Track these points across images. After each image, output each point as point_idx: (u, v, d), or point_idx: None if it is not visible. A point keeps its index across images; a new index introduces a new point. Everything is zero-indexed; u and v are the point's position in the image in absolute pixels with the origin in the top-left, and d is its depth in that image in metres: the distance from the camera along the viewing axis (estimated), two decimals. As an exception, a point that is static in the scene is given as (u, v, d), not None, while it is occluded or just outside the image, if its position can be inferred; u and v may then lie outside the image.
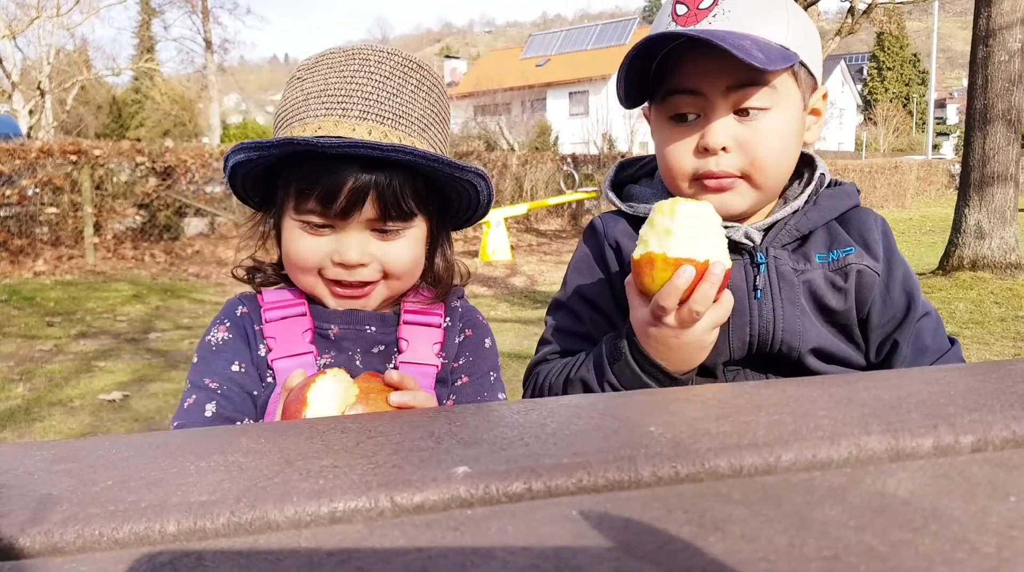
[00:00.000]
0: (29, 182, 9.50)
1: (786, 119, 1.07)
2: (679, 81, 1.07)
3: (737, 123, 1.05)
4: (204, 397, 1.00)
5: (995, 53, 7.94)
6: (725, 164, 1.05)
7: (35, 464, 0.54)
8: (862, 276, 1.09)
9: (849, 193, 1.16)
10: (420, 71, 1.04)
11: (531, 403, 0.67)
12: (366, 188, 0.96)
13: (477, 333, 1.13)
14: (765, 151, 1.05)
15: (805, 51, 1.07)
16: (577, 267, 1.21)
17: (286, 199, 1.02)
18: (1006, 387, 0.66)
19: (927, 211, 20.14)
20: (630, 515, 0.44)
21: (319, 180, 0.96)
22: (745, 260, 1.09)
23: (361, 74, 0.99)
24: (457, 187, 1.05)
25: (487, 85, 40.15)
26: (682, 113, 1.08)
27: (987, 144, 8.05)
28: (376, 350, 1.07)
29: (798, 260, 1.09)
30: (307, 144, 0.92)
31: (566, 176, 15.17)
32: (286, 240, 1.03)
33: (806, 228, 1.11)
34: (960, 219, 8.28)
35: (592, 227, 1.22)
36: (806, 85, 1.10)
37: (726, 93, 1.04)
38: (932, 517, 0.42)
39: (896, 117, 58.12)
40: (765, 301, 1.07)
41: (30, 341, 5.90)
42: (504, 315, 7.03)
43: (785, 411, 0.60)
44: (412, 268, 1.06)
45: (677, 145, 1.09)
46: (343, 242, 1.00)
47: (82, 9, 30.01)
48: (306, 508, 0.46)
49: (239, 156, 0.97)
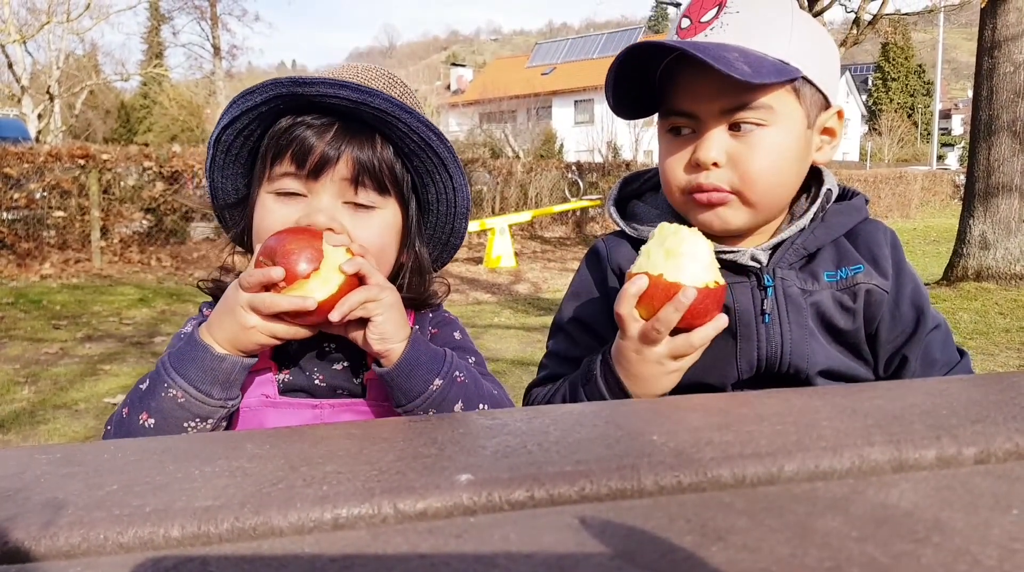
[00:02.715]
0: (37, 186, 9.55)
1: (783, 137, 1.04)
2: (674, 99, 1.07)
3: (730, 138, 1.04)
4: None
5: (1000, 65, 7.94)
6: (715, 178, 1.04)
7: (41, 468, 0.55)
8: (871, 295, 1.07)
9: (857, 207, 1.13)
10: (403, 86, 1.08)
11: (534, 411, 0.67)
12: (342, 145, 0.96)
13: (445, 329, 1.12)
14: (756, 168, 1.03)
15: (813, 67, 1.04)
16: (576, 291, 1.20)
17: (263, 174, 1.01)
18: (1009, 399, 0.66)
19: (931, 221, 20.09)
20: (632, 524, 0.45)
21: (296, 135, 0.96)
22: (752, 283, 1.07)
23: (346, 72, 1.03)
24: (435, 179, 1.05)
25: (493, 93, 40.26)
26: (678, 126, 1.08)
27: (992, 155, 8.04)
28: (339, 367, 1.04)
29: (806, 279, 1.07)
30: (293, 83, 0.94)
31: (571, 184, 15.19)
32: (257, 217, 1.01)
33: (813, 246, 1.09)
34: (965, 230, 8.26)
35: (595, 251, 1.20)
36: (812, 103, 1.06)
37: (719, 110, 1.03)
38: (934, 529, 0.43)
39: (901, 127, 58.08)
40: (773, 325, 1.05)
41: (36, 344, 5.92)
42: (508, 322, 7.03)
43: (788, 421, 0.60)
44: (381, 252, 1.02)
45: (672, 158, 1.09)
46: (312, 205, 0.97)
47: (92, 14, 30.23)
48: (310, 514, 0.46)
49: (224, 120, 0.98)
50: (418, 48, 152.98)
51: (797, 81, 1.03)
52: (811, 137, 1.09)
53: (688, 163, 1.06)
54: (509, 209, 13.96)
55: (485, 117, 38.26)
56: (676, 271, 0.88)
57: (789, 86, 1.03)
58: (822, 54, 1.08)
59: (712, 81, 1.00)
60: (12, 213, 9.47)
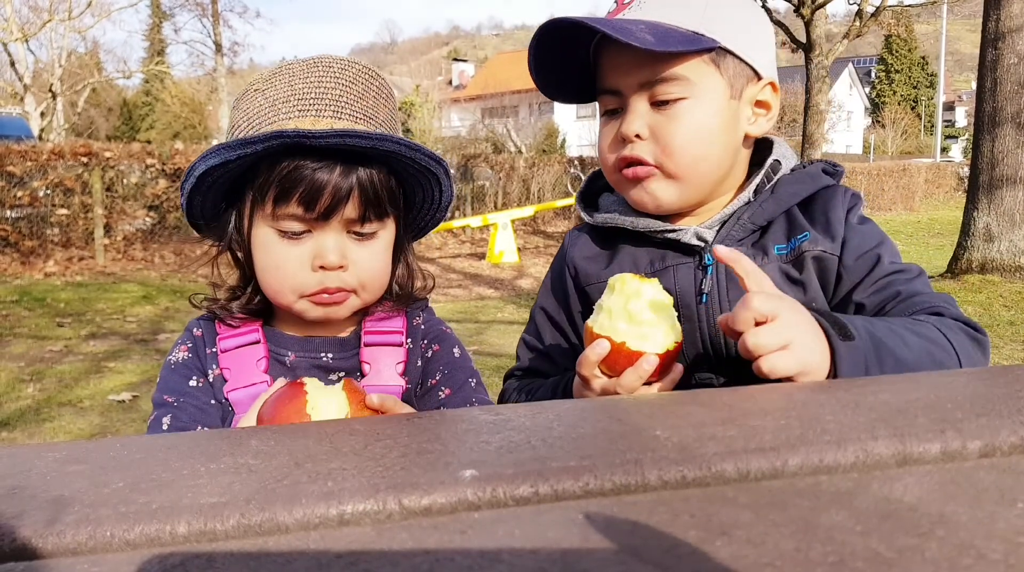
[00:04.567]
0: (40, 184, 9.57)
1: (705, 108, 1.03)
2: (601, 78, 1.09)
3: (652, 112, 1.05)
4: (162, 412, 1.02)
5: (1004, 56, 7.90)
6: (639, 151, 1.05)
7: (47, 465, 0.55)
8: (820, 262, 1.02)
9: (812, 175, 1.09)
10: (379, 79, 1.05)
11: (538, 406, 0.67)
12: (349, 185, 0.95)
13: (444, 345, 1.12)
14: (676, 138, 1.03)
15: (734, 37, 1.03)
16: (545, 282, 1.23)
17: (259, 207, 0.98)
18: (1014, 392, 0.66)
19: (935, 214, 20.04)
20: (637, 519, 0.45)
21: (301, 179, 0.93)
22: (694, 262, 1.06)
23: (327, 78, 0.99)
24: (424, 186, 1.05)
25: (495, 88, 40.20)
26: (611, 108, 1.10)
27: (996, 147, 8.01)
28: (335, 377, 1.04)
29: (755, 255, 1.03)
30: (299, 135, 0.89)
31: (573, 179, 15.17)
32: (261, 252, 1.00)
33: (762, 219, 1.05)
34: (969, 222, 8.24)
35: (563, 245, 1.22)
36: (735, 74, 1.05)
37: (640, 85, 1.04)
38: (939, 523, 0.43)
39: (904, 120, 57.88)
40: (712, 305, 1.03)
41: (40, 342, 5.94)
42: (511, 317, 7.04)
43: (792, 415, 0.60)
44: (382, 275, 1.04)
45: (602, 137, 1.11)
46: (322, 244, 0.97)
47: (94, 12, 30.21)
48: (315, 510, 0.46)
49: (213, 160, 0.93)
50: (420, 43, 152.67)
51: (715, 52, 1.02)
52: (737, 108, 1.07)
53: (614, 139, 1.08)
54: (512, 204, 13.96)
55: (487, 112, 38.23)
56: (640, 340, 0.87)
57: (707, 57, 1.03)
58: (746, 24, 1.07)
59: (628, 57, 1.02)
60: (16, 211, 9.50)
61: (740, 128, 1.09)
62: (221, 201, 1.05)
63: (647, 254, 1.10)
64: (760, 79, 1.09)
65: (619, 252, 1.13)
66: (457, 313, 7.23)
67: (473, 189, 14.02)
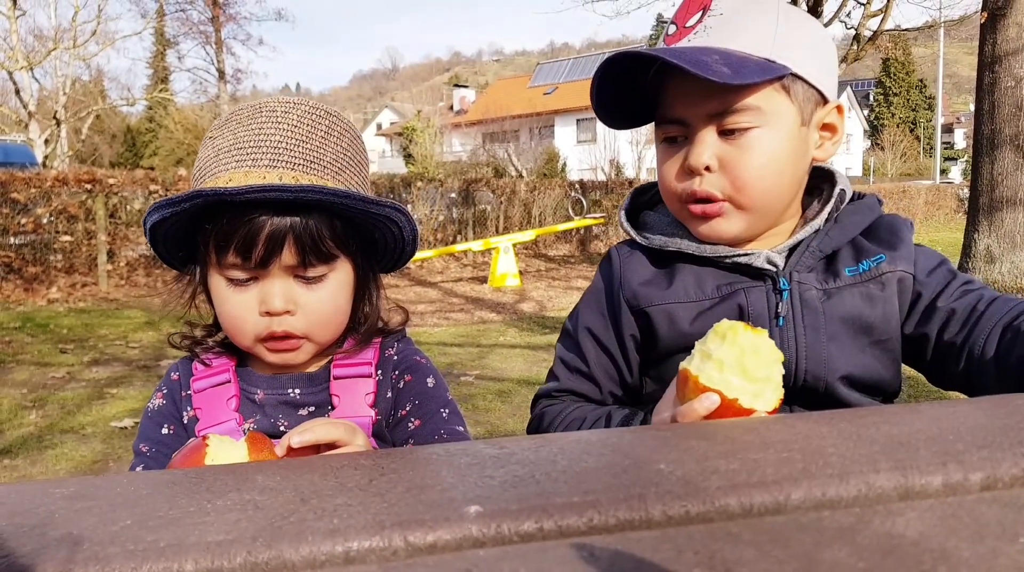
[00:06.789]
0: (44, 210, 9.62)
1: (776, 136, 1.02)
2: (665, 107, 1.07)
3: (721, 142, 1.03)
4: (137, 461, 1.05)
5: (1001, 79, 7.98)
6: (708, 184, 1.03)
7: (55, 503, 0.55)
8: (902, 283, 1.06)
9: (870, 206, 1.12)
10: (329, 118, 1.04)
11: (541, 439, 0.67)
12: (282, 233, 0.95)
13: (417, 376, 1.11)
14: (748, 170, 1.01)
15: (803, 63, 1.02)
16: (588, 298, 1.18)
17: (208, 256, 1.01)
18: (1015, 423, 0.66)
19: (936, 236, 20.06)
20: (641, 556, 0.45)
21: (235, 231, 0.95)
22: (768, 286, 1.06)
23: (269, 125, 0.99)
24: (379, 226, 1.04)
25: (496, 113, 40.51)
26: (671, 135, 1.08)
27: (995, 169, 8.06)
28: (304, 412, 1.05)
29: (826, 278, 1.05)
30: (216, 194, 0.92)
31: (574, 202, 15.24)
32: (216, 300, 1.03)
33: (829, 248, 1.07)
34: (970, 244, 8.26)
35: (608, 258, 1.18)
36: (805, 99, 1.04)
37: (707, 115, 1.02)
38: (941, 559, 0.43)
39: (903, 142, 58.19)
40: (787, 330, 1.03)
41: (43, 368, 5.94)
42: (513, 341, 7.03)
43: (794, 448, 0.61)
44: (333, 317, 1.04)
45: (666, 166, 1.08)
46: (266, 290, 0.99)
47: (98, 40, 30.57)
48: (321, 547, 0.47)
49: (154, 217, 0.97)
50: (421, 70, 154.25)
51: (786, 78, 1.01)
52: (807, 135, 1.07)
53: (681, 169, 1.06)
54: (513, 228, 14.02)
55: (488, 137, 38.47)
56: (753, 398, 0.84)
57: (778, 84, 1.01)
58: (814, 49, 1.06)
59: (697, 86, 0.99)
60: (19, 238, 9.54)
61: (808, 154, 1.08)
62: (180, 251, 1.07)
63: (712, 276, 1.08)
64: (827, 102, 1.08)
65: (679, 273, 1.10)
66: (459, 337, 7.22)
67: (475, 213, 14.09)
